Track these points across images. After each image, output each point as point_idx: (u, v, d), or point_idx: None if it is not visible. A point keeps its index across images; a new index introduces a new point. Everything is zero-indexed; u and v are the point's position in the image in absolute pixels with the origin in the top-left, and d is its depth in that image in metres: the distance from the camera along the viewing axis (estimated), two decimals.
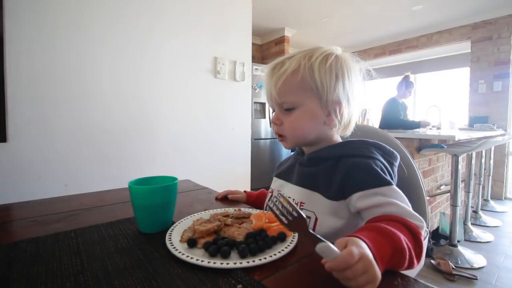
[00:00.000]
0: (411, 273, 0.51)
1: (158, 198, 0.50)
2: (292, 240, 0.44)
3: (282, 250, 0.41)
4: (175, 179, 0.55)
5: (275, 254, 0.39)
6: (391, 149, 0.56)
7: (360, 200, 0.48)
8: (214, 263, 0.37)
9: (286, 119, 0.56)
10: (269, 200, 0.66)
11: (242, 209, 0.59)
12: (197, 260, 0.38)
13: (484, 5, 3.14)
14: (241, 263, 0.37)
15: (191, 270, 0.36)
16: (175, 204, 0.54)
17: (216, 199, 0.76)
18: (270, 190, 0.69)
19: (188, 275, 0.35)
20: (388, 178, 0.48)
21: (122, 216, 0.59)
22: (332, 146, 0.58)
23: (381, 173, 0.49)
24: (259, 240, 0.43)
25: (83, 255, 0.41)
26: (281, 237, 0.44)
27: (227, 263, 0.37)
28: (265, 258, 0.38)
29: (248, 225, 0.49)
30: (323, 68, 0.53)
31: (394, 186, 0.47)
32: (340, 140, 0.61)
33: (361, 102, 0.59)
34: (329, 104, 0.54)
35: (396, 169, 0.54)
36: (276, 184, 0.66)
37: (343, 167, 0.51)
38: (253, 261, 0.37)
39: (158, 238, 0.47)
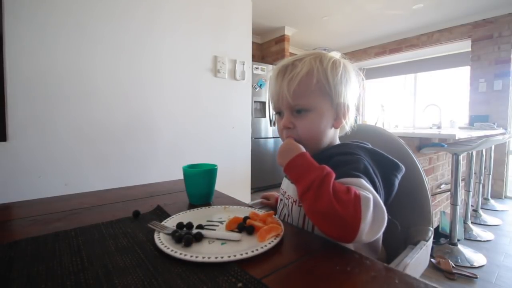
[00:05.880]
0: (416, 273, 0.51)
1: (205, 178, 0.68)
2: (279, 233, 0.46)
3: (272, 241, 0.43)
4: (215, 165, 0.72)
5: (265, 246, 0.41)
6: (394, 160, 0.54)
7: None
8: (209, 257, 0.38)
9: (299, 122, 0.55)
10: (279, 204, 0.68)
11: (231, 206, 0.61)
12: (191, 256, 0.38)
13: (485, 4, 3.13)
14: (235, 256, 0.38)
15: (191, 269, 0.36)
16: (215, 183, 0.71)
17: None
18: (280, 190, 0.70)
19: (188, 274, 0.35)
20: (361, 174, 0.47)
21: (122, 215, 0.59)
22: (332, 147, 0.59)
23: (358, 167, 0.48)
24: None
25: (84, 254, 0.41)
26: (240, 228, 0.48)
27: (222, 257, 0.38)
28: (257, 250, 0.40)
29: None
30: (336, 73, 0.55)
31: (363, 180, 0.45)
32: (338, 141, 0.62)
33: (356, 105, 0.61)
34: (339, 107, 0.56)
35: (396, 179, 0.53)
36: (284, 183, 0.67)
37: (333, 162, 0.51)
38: (246, 253, 0.39)
39: None
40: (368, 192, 0.42)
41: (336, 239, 0.43)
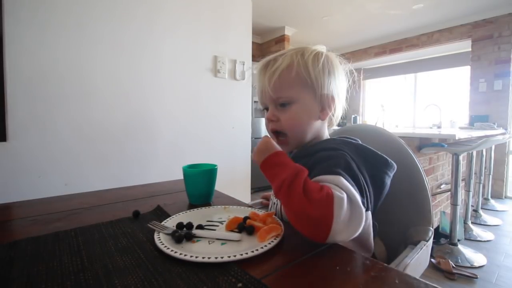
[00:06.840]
0: (416, 273, 0.51)
1: (205, 178, 0.68)
2: (279, 234, 0.46)
3: (272, 241, 0.43)
4: (215, 165, 0.72)
5: (265, 246, 0.41)
6: (384, 157, 0.53)
7: None
8: (209, 258, 0.38)
9: (282, 115, 0.56)
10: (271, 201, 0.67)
11: (231, 207, 0.61)
12: (191, 256, 0.38)
13: (485, 4, 3.13)
14: (235, 256, 0.38)
15: (191, 269, 0.36)
16: (215, 183, 0.71)
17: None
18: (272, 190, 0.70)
19: (188, 274, 0.35)
20: (341, 170, 0.45)
21: (122, 215, 0.59)
22: (318, 143, 0.58)
23: (338, 163, 0.47)
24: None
25: (84, 254, 0.41)
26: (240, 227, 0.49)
27: (221, 257, 0.38)
28: (257, 250, 0.40)
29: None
30: (316, 64, 0.55)
31: (341, 177, 0.43)
32: (327, 135, 0.62)
33: (345, 99, 0.61)
34: (324, 99, 0.56)
35: (386, 177, 0.52)
36: None
37: (315, 158, 0.51)
38: (246, 253, 0.39)
39: None
40: (342, 191, 0.41)
41: (309, 238, 0.42)
